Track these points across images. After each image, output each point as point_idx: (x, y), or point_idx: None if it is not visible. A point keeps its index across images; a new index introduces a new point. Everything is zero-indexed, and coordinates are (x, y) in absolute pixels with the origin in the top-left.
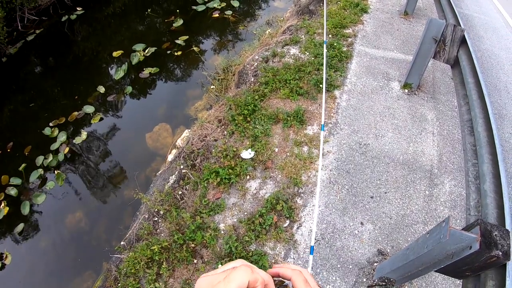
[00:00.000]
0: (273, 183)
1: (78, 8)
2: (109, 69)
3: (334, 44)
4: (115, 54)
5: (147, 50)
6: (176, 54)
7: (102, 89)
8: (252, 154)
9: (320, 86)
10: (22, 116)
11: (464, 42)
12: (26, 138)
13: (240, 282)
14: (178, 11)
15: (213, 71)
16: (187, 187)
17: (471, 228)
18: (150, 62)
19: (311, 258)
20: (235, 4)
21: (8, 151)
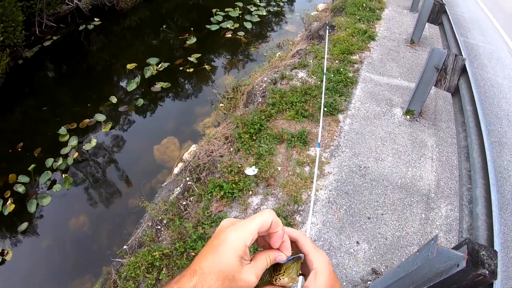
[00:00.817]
0: (274, 200)
1: (95, 18)
2: (121, 80)
3: (341, 69)
4: (129, 66)
5: (160, 65)
6: (188, 70)
7: (114, 99)
8: (256, 171)
9: (325, 109)
10: (34, 118)
11: (464, 71)
12: (36, 141)
13: (264, 220)
14: (192, 29)
15: (223, 90)
16: (191, 198)
17: (459, 247)
18: (162, 76)
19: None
20: (248, 25)
21: (18, 150)
